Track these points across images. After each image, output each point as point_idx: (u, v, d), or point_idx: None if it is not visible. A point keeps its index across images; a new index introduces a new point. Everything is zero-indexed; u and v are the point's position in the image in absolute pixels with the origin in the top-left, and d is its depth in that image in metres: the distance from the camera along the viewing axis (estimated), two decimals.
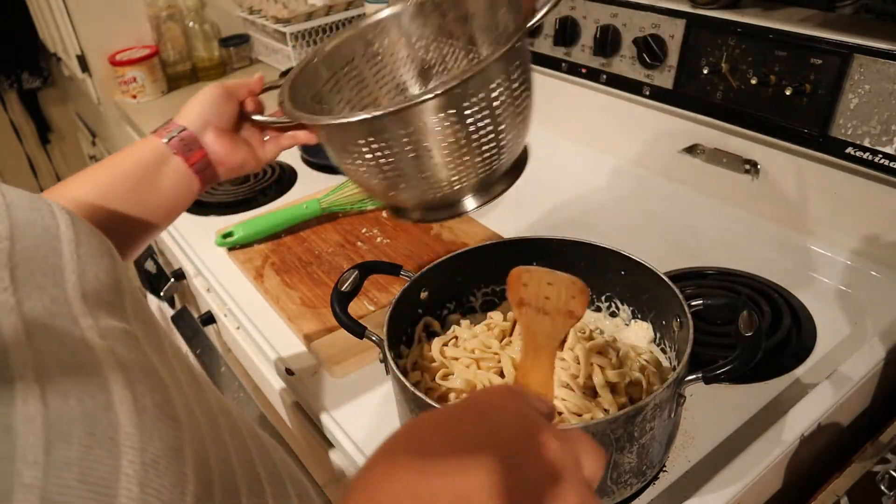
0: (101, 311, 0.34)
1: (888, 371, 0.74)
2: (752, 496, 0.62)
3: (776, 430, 0.65)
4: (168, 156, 0.66)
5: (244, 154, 0.71)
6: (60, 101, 2.74)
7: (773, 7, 0.92)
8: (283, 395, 0.84)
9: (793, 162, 0.91)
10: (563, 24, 1.11)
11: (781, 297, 0.85)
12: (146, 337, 0.37)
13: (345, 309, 0.68)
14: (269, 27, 1.79)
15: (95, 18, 1.84)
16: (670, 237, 0.99)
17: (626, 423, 0.56)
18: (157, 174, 0.65)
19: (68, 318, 0.32)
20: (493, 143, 0.63)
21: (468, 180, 0.64)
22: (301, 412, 0.82)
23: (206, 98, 0.70)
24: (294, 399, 0.83)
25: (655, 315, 0.71)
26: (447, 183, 0.63)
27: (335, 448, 0.76)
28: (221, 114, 0.70)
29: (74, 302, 0.33)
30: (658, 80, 1.01)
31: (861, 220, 0.87)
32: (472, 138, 0.61)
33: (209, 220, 1.17)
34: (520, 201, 1.13)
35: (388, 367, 0.63)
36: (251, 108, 0.72)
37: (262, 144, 0.73)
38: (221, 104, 0.70)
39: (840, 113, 0.82)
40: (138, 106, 1.85)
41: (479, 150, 0.62)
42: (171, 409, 0.33)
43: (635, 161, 1.12)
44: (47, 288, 0.32)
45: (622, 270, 0.72)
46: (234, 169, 0.71)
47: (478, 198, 0.67)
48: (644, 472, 0.61)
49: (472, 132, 0.60)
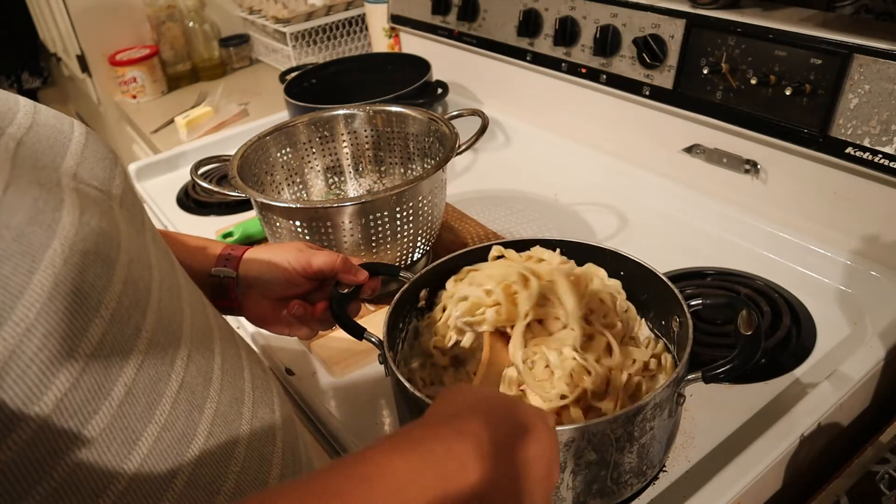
0: (85, 184, 0.41)
1: (888, 371, 0.74)
2: (752, 496, 0.62)
3: (776, 431, 0.65)
4: (203, 282, 0.66)
5: (272, 321, 0.69)
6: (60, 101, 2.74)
7: (773, 7, 0.92)
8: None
9: (793, 162, 0.91)
10: (563, 24, 1.11)
11: (781, 297, 0.85)
12: (125, 216, 0.43)
13: (344, 310, 0.68)
14: (269, 27, 1.79)
15: (95, 18, 1.85)
16: (670, 237, 0.99)
17: (626, 423, 0.56)
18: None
19: (52, 176, 0.38)
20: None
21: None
22: (301, 412, 0.82)
23: (281, 271, 0.67)
24: (294, 399, 0.83)
25: (655, 315, 0.71)
26: None
27: (335, 448, 0.76)
28: (281, 293, 0.68)
29: (64, 175, 0.40)
30: (658, 80, 1.01)
31: (861, 220, 0.87)
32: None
33: (209, 220, 1.17)
34: (519, 201, 1.13)
35: (387, 368, 0.63)
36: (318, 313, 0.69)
37: (295, 323, 0.69)
38: (289, 287, 0.68)
39: (840, 113, 0.82)
40: (138, 106, 1.85)
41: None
42: (115, 236, 0.39)
43: (635, 161, 1.12)
44: (44, 161, 0.40)
45: (621, 271, 0.72)
46: (255, 322, 0.70)
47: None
48: (644, 471, 0.61)
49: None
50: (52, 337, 0.33)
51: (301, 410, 0.82)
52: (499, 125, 1.34)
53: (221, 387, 0.45)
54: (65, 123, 0.45)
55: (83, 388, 0.34)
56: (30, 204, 0.35)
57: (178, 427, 0.40)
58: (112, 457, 0.36)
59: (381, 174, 1.07)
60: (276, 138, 0.98)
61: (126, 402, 0.37)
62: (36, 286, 0.33)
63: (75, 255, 0.35)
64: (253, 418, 0.47)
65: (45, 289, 0.33)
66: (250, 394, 0.48)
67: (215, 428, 0.43)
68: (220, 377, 0.45)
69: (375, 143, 1.04)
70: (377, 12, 1.59)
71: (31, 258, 0.33)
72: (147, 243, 0.44)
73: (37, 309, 0.32)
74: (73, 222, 0.36)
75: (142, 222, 0.46)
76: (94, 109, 2.12)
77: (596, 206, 1.08)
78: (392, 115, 1.01)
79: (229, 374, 0.47)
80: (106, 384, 0.36)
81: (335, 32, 1.79)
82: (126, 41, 1.88)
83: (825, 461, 0.71)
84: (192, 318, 0.45)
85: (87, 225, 0.37)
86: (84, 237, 0.36)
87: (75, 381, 0.34)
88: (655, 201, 1.06)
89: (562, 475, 0.57)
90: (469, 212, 1.09)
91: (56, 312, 0.33)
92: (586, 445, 0.55)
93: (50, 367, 0.33)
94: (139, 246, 0.42)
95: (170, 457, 0.39)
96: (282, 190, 1.01)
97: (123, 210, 0.44)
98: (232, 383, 0.46)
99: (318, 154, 1.04)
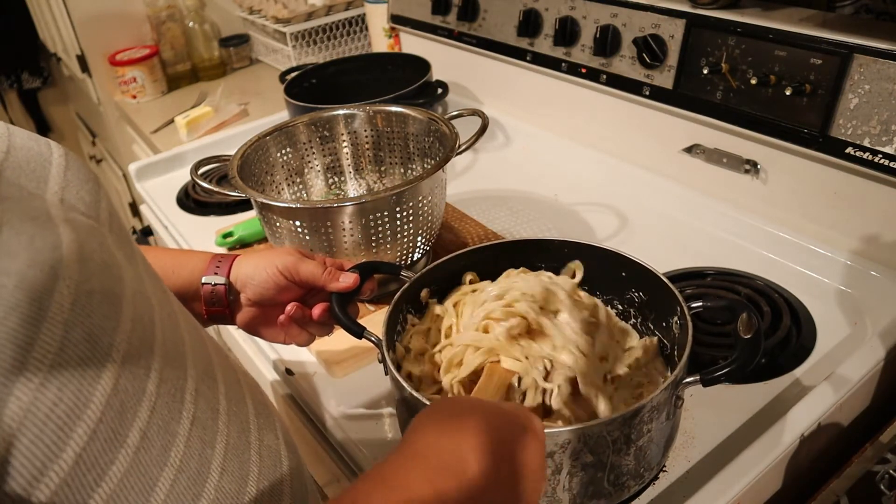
0: (75, 213, 0.39)
1: (888, 371, 0.74)
2: (751, 496, 0.62)
3: (776, 430, 0.65)
4: (195, 293, 0.65)
5: (267, 328, 0.69)
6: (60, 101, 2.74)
7: (773, 7, 0.92)
8: (278, 389, 0.84)
9: (793, 162, 0.91)
10: (563, 24, 1.11)
11: (781, 297, 0.85)
12: (116, 243, 0.41)
13: (344, 309, 0.68)
14: (269, 27, 1.79)
15: (95, 18, 1.84)
16: (670, 237, 0.99)
17: (623, 426, 0.56)
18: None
19: (41, 207, 0.36)
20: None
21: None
22: (301, 412, 0.82)
23: (270, 275, 0.66)
24: (294, 399, 0.83)
25: (655, 316, 0.71)
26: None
27: (335, 448, 0.76)
28: (272, 298, 0.67)
29: (51, 203, 0.37)
30: (658, 80, 1.01)
31: (861, 220, 0.87)
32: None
33: (209, 220, 1.17)
34: (519, 201, 1.13)
35: (386, 368, 0.63)
36: (317, 314, 0.67)
37: (292, 328, 0.68)
38: (280, 292, 0.67)
39: (840, 113, 0.82)
40: (138, 106, 1.85)
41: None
42: (116, 269, 0.36)
43: (635, 161, 1.12)
44: (29, 189, 0.37)
45: (621, 271, 0.72)
46: (248, 330, 0.70)
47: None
48: (642, 474, 0.61)
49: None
50: (67, 389, 0.31)
51: (301, 410, 0.82)
52: (499, 125, 1.34)
53: (229, 418, 0.43)
54: (42, 145, 0.42)
55: (100, 439, 0.32)
56: (26, 244, 0.32)
57: (192, 467, 0.38)
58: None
59: (381, 174, 1.07)
60: (276, 138, 0.98)
61: (141, 449, 0.35)
62: (46, 337, 0.30)
63: (82, 297, 0.33)
64: (261, 447, 0.46)
65: (56, 338, 0.31)
66: (255, 420, 0.46)
67: (228, 463, 0.41)
68: (226, 408, 0.43)
69: (375, 143, 1.04)
70: (377, 12, 1.59)
71: (37, 306, 0.31)
72: (140, 271, 0.42)
73: (49, 362, 0.30)
74: (75, 260, 0.34)
75: (131, 248, 0.44)
76: (94, 109, 2.12)
77: (596, 206, 1.08)
78: (392, 115, 1.01)
79: (234, 402, 0.45)
80: (122, 431, 0.34)
81: (335, 32, 1.79)
82: (126, 41, 1.88)
83: (825, 461, 0.71)
84: (191, 344, 0.43)
85: (90, 261, 0.35)
86: (88, 276, 0.34)
87: (92, 434, 0.32)
88: (655, 201, 1.06)
89: (558, 476, 0.57)
90: (469, 212, 1.09)
91: (69, 363, 0.31)
92: (582, 447, 0.55)
93: (67, 423, 0.31)
94: (135, 276, 0.40)
95: (186, 500, 0.37)
96: (282, 190, 1.01)
97: (113, 236, 0.41)
98: (237, 412, 0.45)
99: (318, 154, 1.04)
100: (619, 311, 0.76)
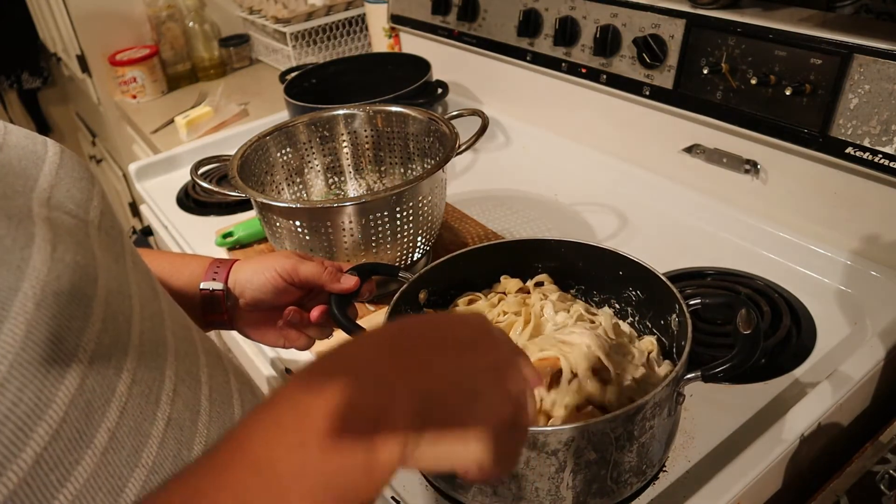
0: (60, 211, 0.39)
1: (888, 371, 0.74)
2: (751, 496, 0.62)
3: (776, 430, 0.65)
4: (193, 298, 0.65)
5: (266, 332, 0.69)
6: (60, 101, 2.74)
7: (773, 7, 0.92)
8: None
9: (793, 162, 0.91)
10: (563, 24, 1.11)
11: (781, 297, 0.85)
12: (103, 242, 0.40)
13: (343, 311, 0.68)
14: (269, 27, 1.79)
15: (95, 18, 1.84)
16: (670, 237, 0.99)
17: (626, 422, 0.56)
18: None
19: (23, 206, 0.36)
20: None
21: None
22: None
23: (268, 278, 0.65)
24: None
25: (653, 314, 0.71)
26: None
27: None
28: (271, 301, 0.67)
29: (36, 202, 0.37)
30: (658, 80, 1.01)
31: (861, 220, 0.87)
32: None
33: (209, 220, 1.17)
34: (519, 201, 1.13)
35: None
36: (315, 317, 0.67)
37: (291, 332, 0.68)
38: (278, 295, 0.66)
39: (840, 113, 0.82)
40: (138, 106, 1.85)
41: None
42: (91, 270, 0.36)
43: (635, 161, 1.12)
44: (15, 188, 0.37)
45: (620, 271, 0.72)
46: (247, 335, 0.70)
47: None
48: (644, 471, 0.61)
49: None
50: (27, 389, 0.31)
51: None
52: (499, 125, 1.34)
53: (210, 419, 0.43)
54: (37, 143, 0.42)
55: (63, 439, 0.32)
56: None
57: (166, 468, 0.38)
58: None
59: (381, 174, 1.07)
60: (276, 138, 0.98)
61: (110, 449, 0.35)
62: (7, 336, 0.30)
63: (48, 297, 0.33)
64: None
65: (18, 338, 0.31)
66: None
67: None
68: (208, 409, 0.43)
69: (375, 143, 1.04)
70: (377, 12, 1.59)
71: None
72: (126, 270, 0.42)
73: (9, 361, 0.30)
74: (44, 260, 0.33)
75: (121, 246, 0.44)
76: (94, 109, 2.12)
77: (596, 206, 1.08)
78: (392, 115, 1.01)
79: (217, 404, 0.44)
80: (88, 432, 0.33)
81: (335, 32, 1.79)
82: (126, 41, 1.88)
83: (825, 461, 0.71)
84: (175, 346, 0.43)
85: (61, 261, 0.34)
86: (57, 276, 0.34)
87: (55, 434, 0.32)
88: (655, 201, 1.06)
89: (562, 474, 0.57)
90: (469, 212, 1.09)
91: (30, 363, 0.31)
92: (586, 445, 0.55)
93: (27, 423, 0.31)
94: (118, 275, 0.40)
95: None
96: (282, 190, 1.01)
97: (101, 235, 0.41)
98: (220, 413, 0.44)
99: (318, 154, 1.04)
100: (617, 310, 0.76)
